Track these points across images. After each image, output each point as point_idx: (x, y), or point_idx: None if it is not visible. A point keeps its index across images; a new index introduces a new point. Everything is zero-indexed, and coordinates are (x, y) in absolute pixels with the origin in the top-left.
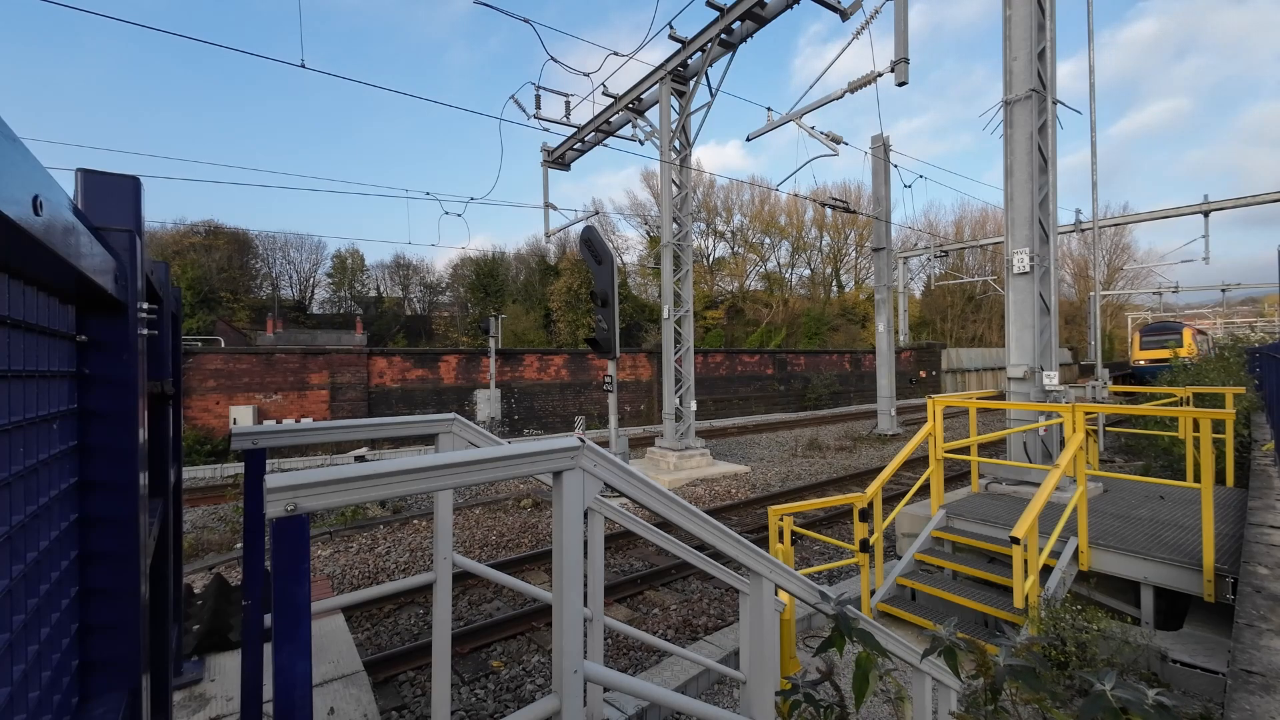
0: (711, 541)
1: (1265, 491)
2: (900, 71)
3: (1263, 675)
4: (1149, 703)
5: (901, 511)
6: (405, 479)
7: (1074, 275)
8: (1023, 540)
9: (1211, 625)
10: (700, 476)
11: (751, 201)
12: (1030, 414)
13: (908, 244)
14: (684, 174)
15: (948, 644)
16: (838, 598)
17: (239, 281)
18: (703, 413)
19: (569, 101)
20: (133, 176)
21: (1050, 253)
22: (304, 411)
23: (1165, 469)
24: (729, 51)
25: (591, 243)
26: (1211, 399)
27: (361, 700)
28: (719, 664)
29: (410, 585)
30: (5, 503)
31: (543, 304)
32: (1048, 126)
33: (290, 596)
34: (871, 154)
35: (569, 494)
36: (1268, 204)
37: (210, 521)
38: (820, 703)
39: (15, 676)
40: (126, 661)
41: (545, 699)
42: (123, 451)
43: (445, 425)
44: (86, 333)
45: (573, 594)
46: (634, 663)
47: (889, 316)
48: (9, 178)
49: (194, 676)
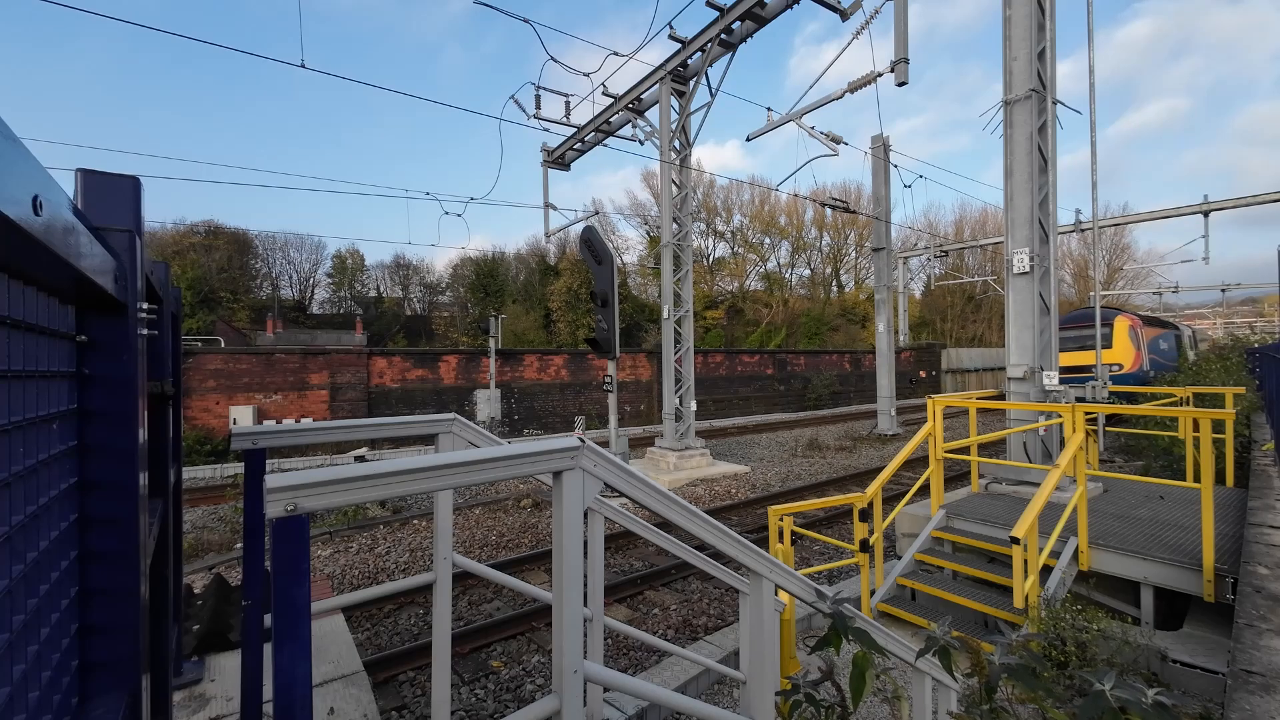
0: (711, 541)
1: (1265, 491)
2: (900, 71)
3: (1263, 675)
4: (1148, 702)
5: (901, 511)
6: (405, 479)
7: (1074, 275)
8: (1023, 540)
9: (1211, 625)
10: (700, 476)
11: (751, 201)
12: (1030, 414)
13: (908, 244)
14: (684, 174)
15: (942, 643)
16: (834, 596)
17: (239, 281)
18: (703, 413)
19: (569, 101)
20: (133, 176)
21: (1050, 253)
22: (304, 412)
23: (1165, 469)
24: (729, 51)
25: (591, 243)
26: (1211, 399)
27: (361, 700)
28: (719, 664)
29: (410, 585)
30: (5, 503)
31: (543, 304)
32: (1048, 126)
33: (290, 596)
34: (871, 154)
35: (569, 494)
36: (1267, 204)
37: (210, 521)
38: (821, 703)
39: (15, 676)
40: (126, 662)
41: (545, 699)
42: (123, 451)
43: (445, 425)
44: (86, 333)
45: (573, 594)
46: (634, 663)
47: (889, 316)
48: (9, 178)
49: (194, 676)
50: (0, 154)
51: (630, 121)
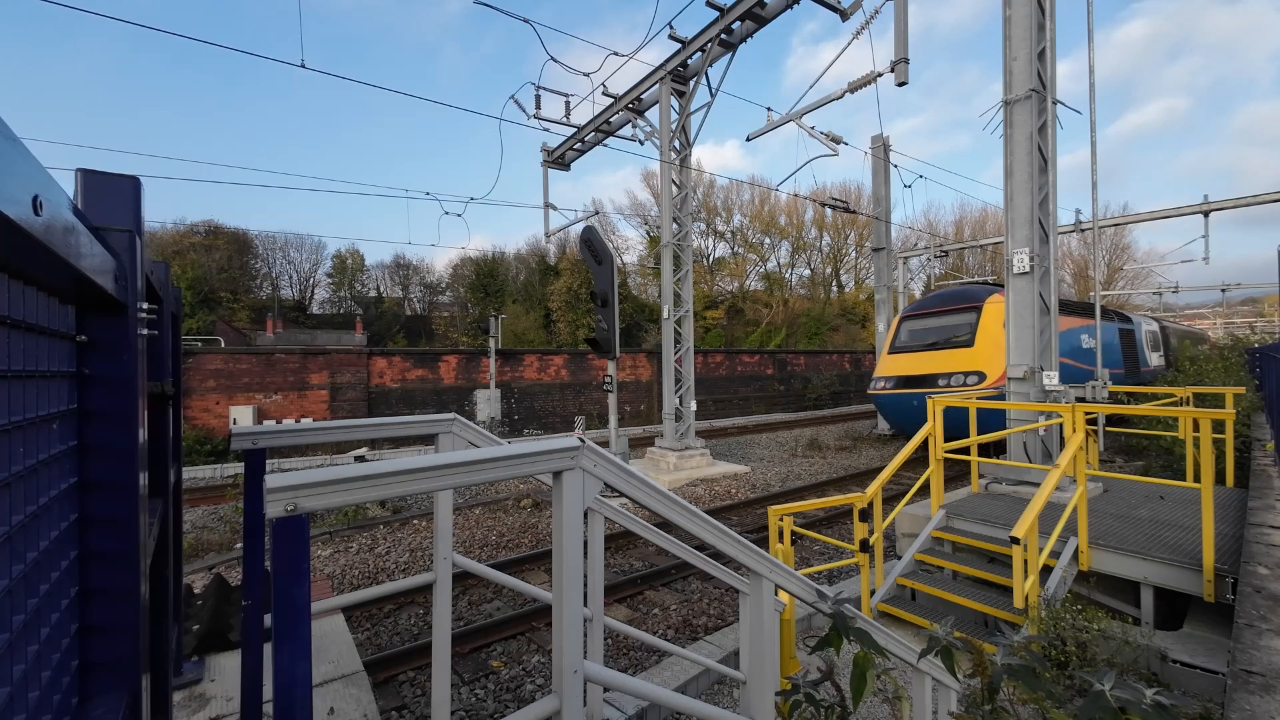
0: (711, 541)
1: (1265, 491)
2: (900, 72)
3: (1263, 675)
4: (1147, 702)
5: (901, 511)
6: (405, 479)
7: (1074, 275)
8: (1023, 540)
9: (1211, 625)
10: (700, 476)
11: (751, 201)
12: (1030, 414)
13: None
14: (684, 174)
15: (944, 643)
16: (834, 596)
17: (239, 281)
18: (703, 413)
19: (569, 101)
20: (133, 176)
21: (1050, 253)
22: (304, 412)
23: (1165, 469)
24: (729, 51)
25: (591, 243)
26: (1212, 399)
27: (361, 700)
28: (719, 664)
29: (410, 585)
30: (5, 503)
31: (543, 304)
32: (1048, 126)
33: (290, 596)
34: (871, 154)
35: (569, 494)
36: (1267, 204)
37: (210, 521)
38: (821, 703)
39: (15, 676)
40: (126, 662)
41: (545, 699)
42: (123, 451)
43: (445, 425)
44: (86, 333)
45: (573, 594)
46: (634, 663)
47: (889, 316)
48: (9, 178)
49: (194, 676)
50: (0, 154)
51: (630, 121)
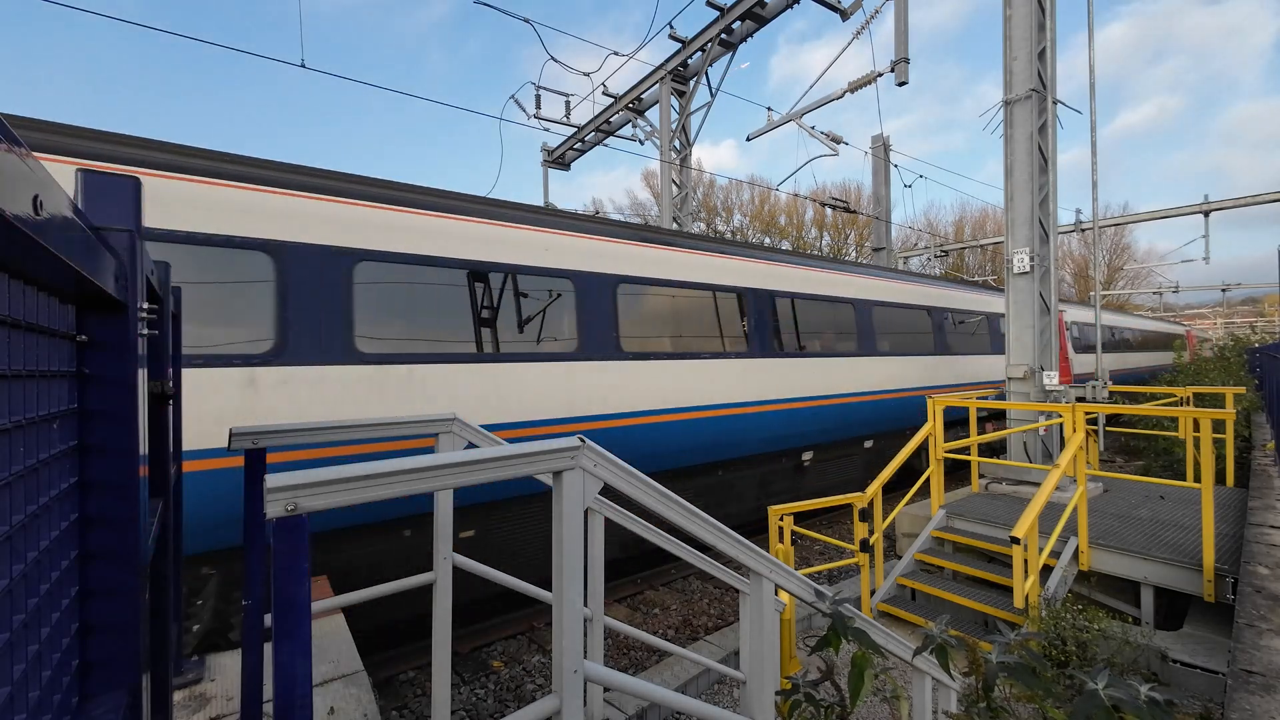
0: (711, 541)
1: (1265, 491)
2: (901, 71)
3: (1263, 675)
4: (1141, 700)
5: (901, 511)
6: (405, 479)
7: (1074, 275)
8: (1023, 540)
9: (1211, 625)
10: None
11: (751, 201)
12: (1030, 414)
13: (908, 244)
14: (684, 174)
15: (939, 641)
16: (834, 596)
17: None
18: None
19: (569, 101)
20: (133, 176)
21: (1050, 253)
22: None
23: (1165, 469)
24: (729, 51)
25: None
26: (1212, 399)
27: (361, 700)
28: (719, 664)
29: (410, 585)
30: (5, 503)
31: None
32: (1048, 126)
33: (290, 596)
34: (871, 154)
35: (569, 494)
36: (1267, 204)
37: None
38: (821, 702)
39: (15, 676)
40: (126, 661)
41: (545, 699)
42: (123, 451)
43: (445, 425)
44: (86, 333)
45: (573, 594)
46: (634, 663)
47: None
48: (9, 178)
49: (194, 676)
50: (0, 154)
51: (630, 121)
